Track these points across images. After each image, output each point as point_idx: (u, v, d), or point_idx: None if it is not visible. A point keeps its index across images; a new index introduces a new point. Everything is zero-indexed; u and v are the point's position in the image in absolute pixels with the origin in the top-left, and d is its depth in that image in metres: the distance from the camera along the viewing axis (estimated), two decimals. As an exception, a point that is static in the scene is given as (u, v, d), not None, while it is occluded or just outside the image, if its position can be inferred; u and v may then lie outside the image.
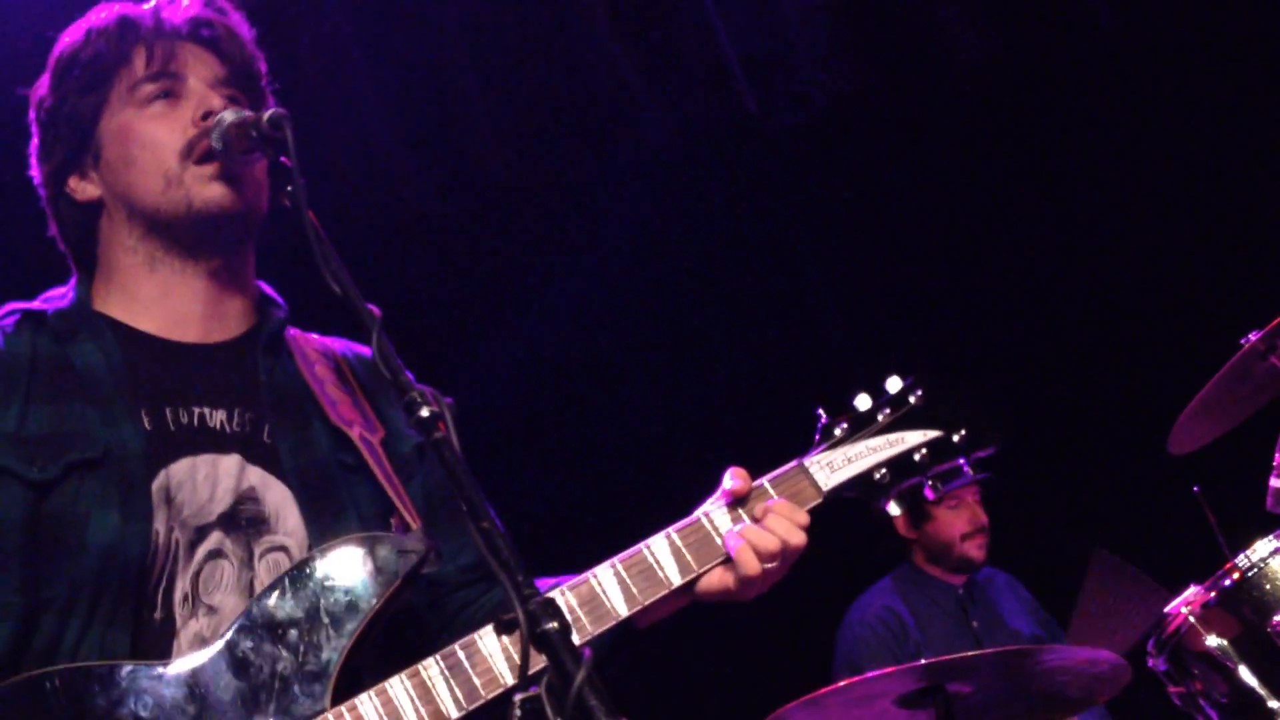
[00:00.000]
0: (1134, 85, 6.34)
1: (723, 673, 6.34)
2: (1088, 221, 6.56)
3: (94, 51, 2.41)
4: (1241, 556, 3.99)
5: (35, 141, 2.49)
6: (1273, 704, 3.87)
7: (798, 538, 2.31)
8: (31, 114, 2.49)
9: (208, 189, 2.32)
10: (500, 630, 2.01)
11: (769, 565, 2.29)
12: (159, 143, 2.35)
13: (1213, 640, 3.99)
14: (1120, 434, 6.20)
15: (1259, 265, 6.07)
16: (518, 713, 1.68)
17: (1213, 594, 4.00)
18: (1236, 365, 4.22)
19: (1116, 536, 5.42)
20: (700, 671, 6.33)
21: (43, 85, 2.48)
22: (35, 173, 2.50)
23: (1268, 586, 3.92)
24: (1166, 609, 4.15)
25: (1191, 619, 4.02)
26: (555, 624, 1.69)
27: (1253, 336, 4.17)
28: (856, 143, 6.58)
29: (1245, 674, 3.93)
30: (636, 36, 6.08)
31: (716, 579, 2.32)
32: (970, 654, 4.06)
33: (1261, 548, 3.96)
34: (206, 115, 2.32)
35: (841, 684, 3.94)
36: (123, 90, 2.39)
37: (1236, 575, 3.97)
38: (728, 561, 2.31)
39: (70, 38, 2.46)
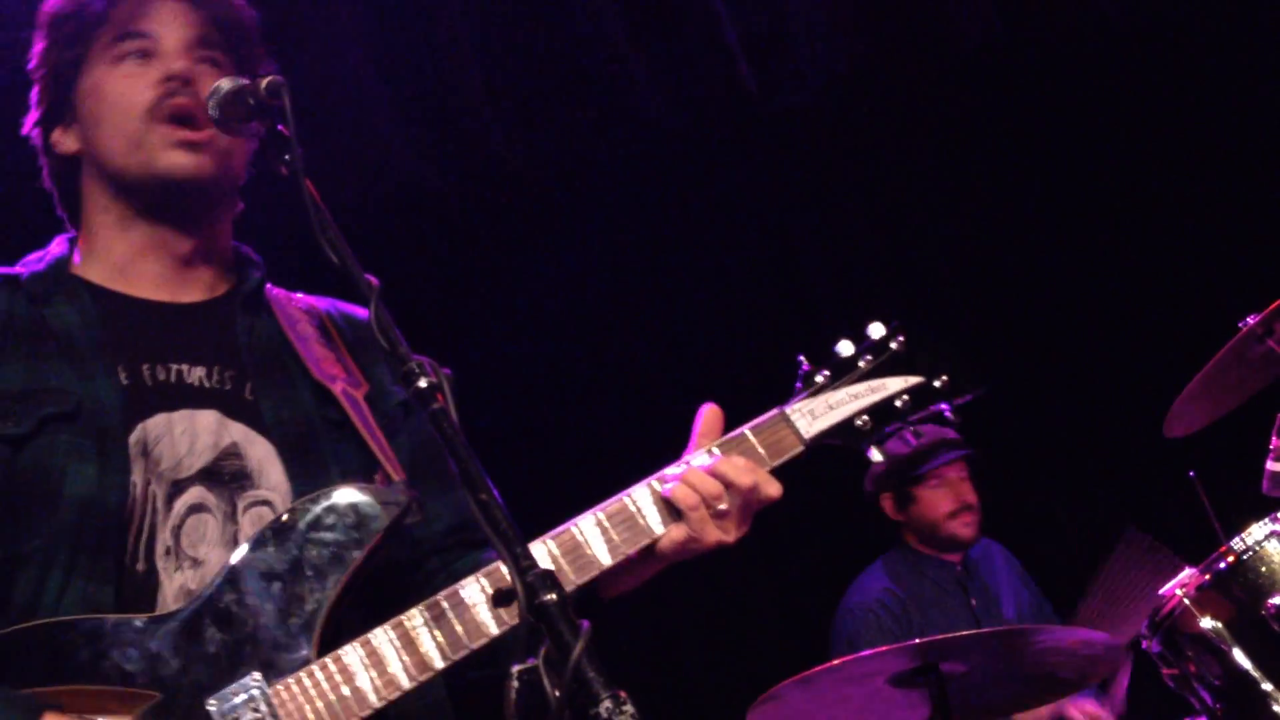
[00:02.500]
0: (1134, 66, 6.32)
1: (716, 651, 6.35)
2: (1085, 203, 6.54)
3: (78, 5, 2.40)
4: (1236, 539, 3.98)
5: (34, 91, 2.49)
6: (1266, 686, 3.87)
7: (747, 478, 2.27)
8: (30, 64, 2.49)
9: (170, 154, 2.31)
10: (498, 602, 2.01)
11: (717, 506, 2.26)
12: (125, 102, 2.34)
13: (1207, 623, 3.99)
14: (1116, 417, 6.20)
15: (1257, 248, 6.06)
16: (515, 684, 1.67)
17: (1207, 576, 4.00)
18: (1234, 348, 4.21)
19: (1112, 519, 5.41)
20: (694, 650, 6.34)
21: (38, 34, 2.47)
22: (31, 119, 2.50)
23: (1262, 569, 3.92)
24: (1161, 591, 4.16)
25: (1186, 601, 4.02)
26: (554, 595, 1.68)
27: (1250, 320, 4.16)
28: (856, 122, 6.56)
29: (1239, 656, 3.93)
30: (636, 14, 6.06)
31: (672, 530, 2.29)
32: (964, 634, 4.07)
33: (1256, 531, 3.96)
34: (171, 78, 2.32)
35: (835, 662, 3.94)
36: (100, 48, 2.39)
37: (1231, 558, 3.97)
38: None
39: None
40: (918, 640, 3.87)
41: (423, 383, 1.85)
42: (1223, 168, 6.27)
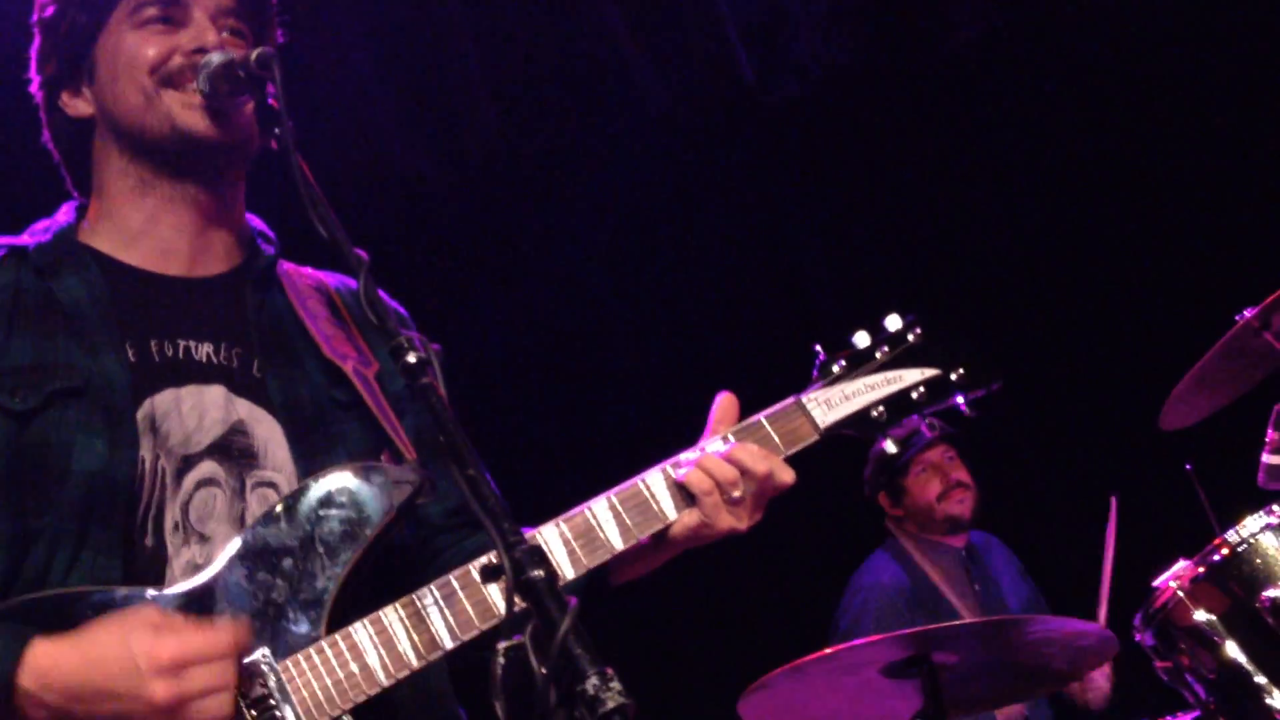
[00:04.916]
0: (1132, 57, 6.31)
1: (707, 640, 6.34)
2: (1083, 195, 6.54)
3: None
4: (1231, 532, 3.97)
5: (35, 45, 2.44)
6: (1260, 679, 3.85)
7: (762, 465, 2.28)
8: (34, 16, 2.44)
9: (189, 115, 2.28)
10: (485, 578, 2.00)
11: (731, 493, 2.27)
12: (140, 60, 2.30)
13: (1201, 615, 3.97)
14: (1112, 410, 6.19)
15: (1254, 241, 6.06)
16: (501, 660, 1.66)
17: (1201, 569, 3.98)
18: (1230, 341, 4.21)
19: (1108, 512, 5.39)
20: (685, 638, 6.33)
21: None
22: (33, 75, 2.45)
23: (1257, 562, 3.90)
24: (1155, 583, 4.15)
25: (1180, 594, 4.00)
26: (541, 571, 1.67)
27: (1247, 313, 4.15)
28: (855, 113, 6.55)
29: (1233, 649, 3.92)
30: (635, 6, 6.05)
31: (685, 516, 2.30)
32: (956, 623, 4.06)
33: (1251, 523, 3.94)
34: (199, 50, 2.28)
35: (827, 651, 3.93)
36: (124, 11, 2.34)
37: (1226, 551, 3.95)
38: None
39: None
40: (907, 630, 3.86)
41: (411, 357, 1.84)
42: (1220, 161, 6.27)
